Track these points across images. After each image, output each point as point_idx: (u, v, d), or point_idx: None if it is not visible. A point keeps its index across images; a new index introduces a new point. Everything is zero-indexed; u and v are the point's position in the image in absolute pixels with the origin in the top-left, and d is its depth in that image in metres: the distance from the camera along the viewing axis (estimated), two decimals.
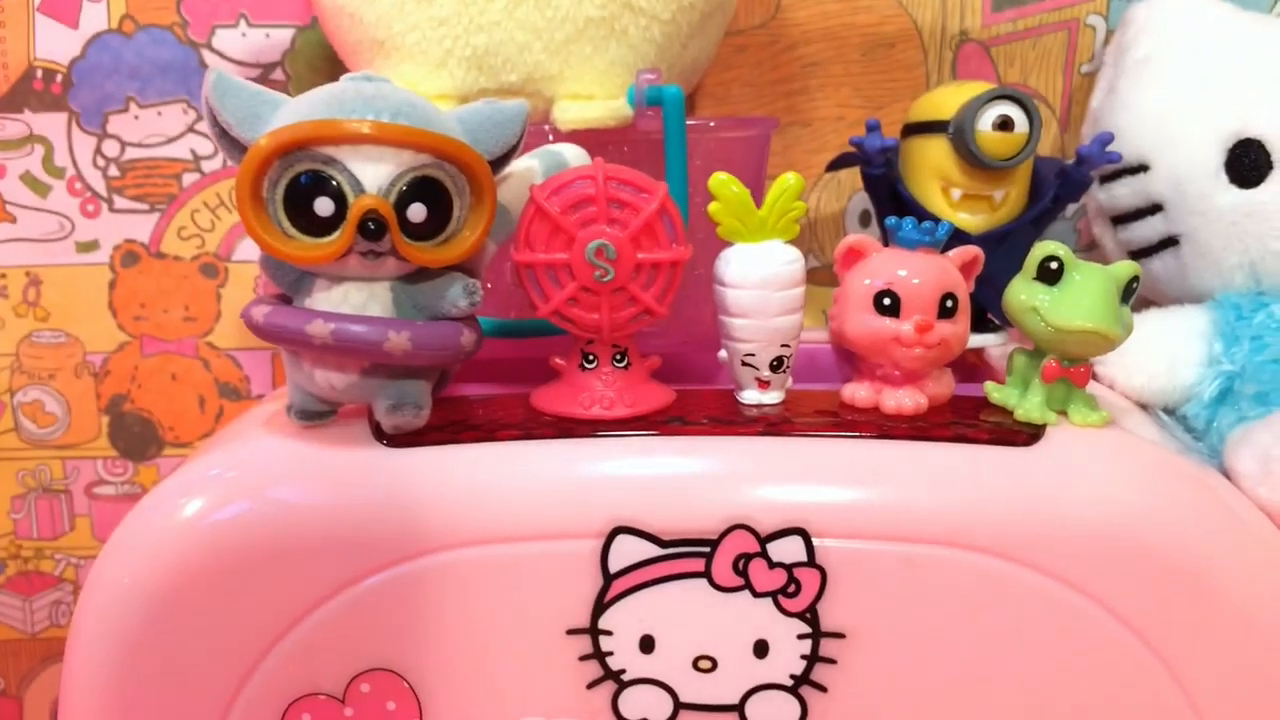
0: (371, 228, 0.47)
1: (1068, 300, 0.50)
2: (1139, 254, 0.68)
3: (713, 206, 0.52)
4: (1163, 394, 0.64)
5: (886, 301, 0.51)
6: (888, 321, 0.51)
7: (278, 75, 0.77)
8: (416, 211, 0.48)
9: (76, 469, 0.81)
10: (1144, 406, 0.65)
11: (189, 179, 0.78)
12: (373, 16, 0.58)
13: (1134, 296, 0.52)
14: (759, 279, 0.51)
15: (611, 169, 0.50)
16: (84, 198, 0.78)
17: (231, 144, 0.49)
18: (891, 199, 0.64)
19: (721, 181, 0.52)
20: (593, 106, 0.58)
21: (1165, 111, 0.66)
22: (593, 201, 0.50)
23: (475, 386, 0.61)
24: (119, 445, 0.81)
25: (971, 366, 0.69)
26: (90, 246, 0.78)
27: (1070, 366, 0.52)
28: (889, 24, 0.76)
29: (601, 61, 0.58)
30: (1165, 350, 0.64)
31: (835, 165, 0.69)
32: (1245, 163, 0.63)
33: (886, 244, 0.53)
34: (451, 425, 0.52)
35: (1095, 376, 0.65)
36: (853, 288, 0.52)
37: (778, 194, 0.52)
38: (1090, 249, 0.79)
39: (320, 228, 0.48)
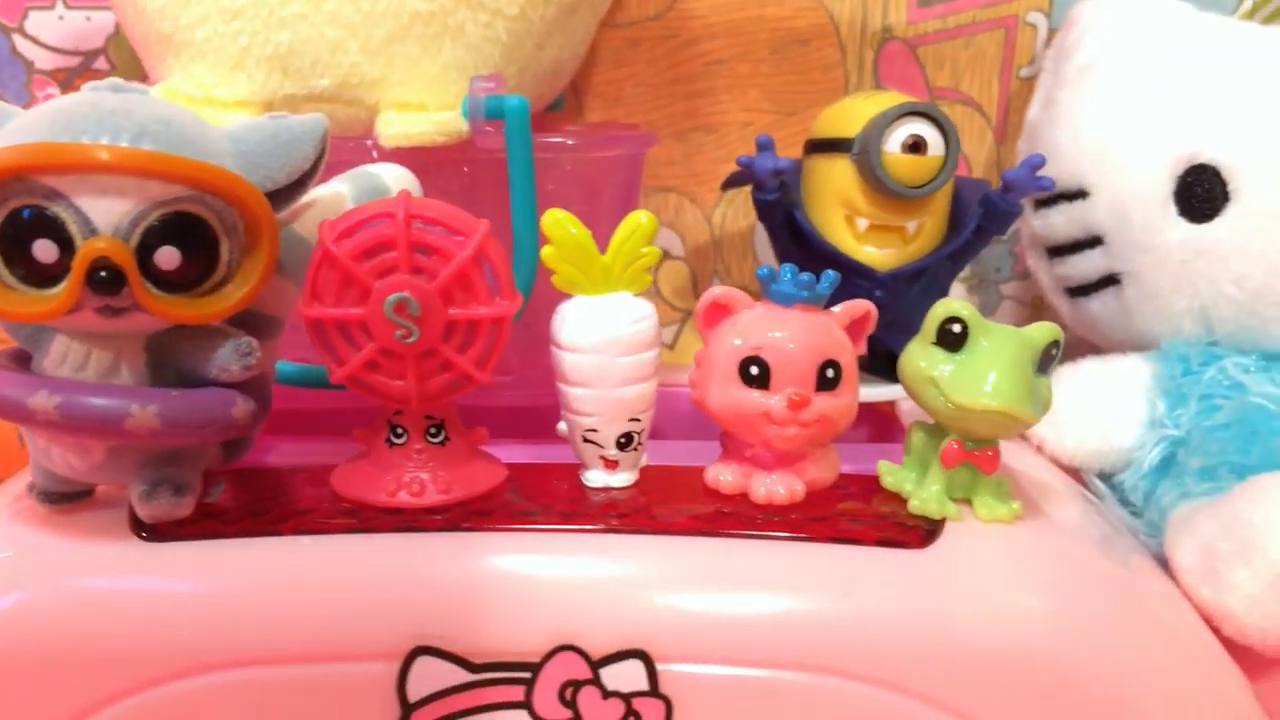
0: (104, 277, 0.37)
1: (972, 372, 0.42)
2: (1077, 291, 0.60)
3: (546, 251, 0.43)
4: (1098, 457, 0.56)
5: (754, 370, 0.42)
6: (755, 394, 0.42)
7: (100, 64, 0.67)
8: (167, 257, 0.39)
9: None
10: (1077, 471, 0.56)
11: None
12: (156, 6, 0.48)
13: (1054, 363, 0.44)
14: (600, 340, 0.42)
15: (418, 204, 0.41)
16: None
17: None
18: (787, 228, 0.55)
19: (557, 221, 0.42)
20: (419, 119, 0.48)
21: (1108, 129, 0.57)
22: (392, 245, 0.40)
23: (298, 444, 0.51)
24: None
25: (885, 419, 0.61)
26: None
27: (975, 450, 0.43)
28: (802, 18, 0.66)
29: (433, 65, 0.48)
30: (1101, 408, 0.56)
31: (731, 183, 0.60)
32: (1198, 193, 0.54)
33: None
34: (225, 513, 0.43)
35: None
36: (716, 351, 0.43)
37: (625, 236, 0.43)
38: (1027, 278, 0.70)
39: (45, 277, 0.38)
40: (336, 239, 0.41)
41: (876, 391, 0.55)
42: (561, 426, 0.45)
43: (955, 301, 0.42)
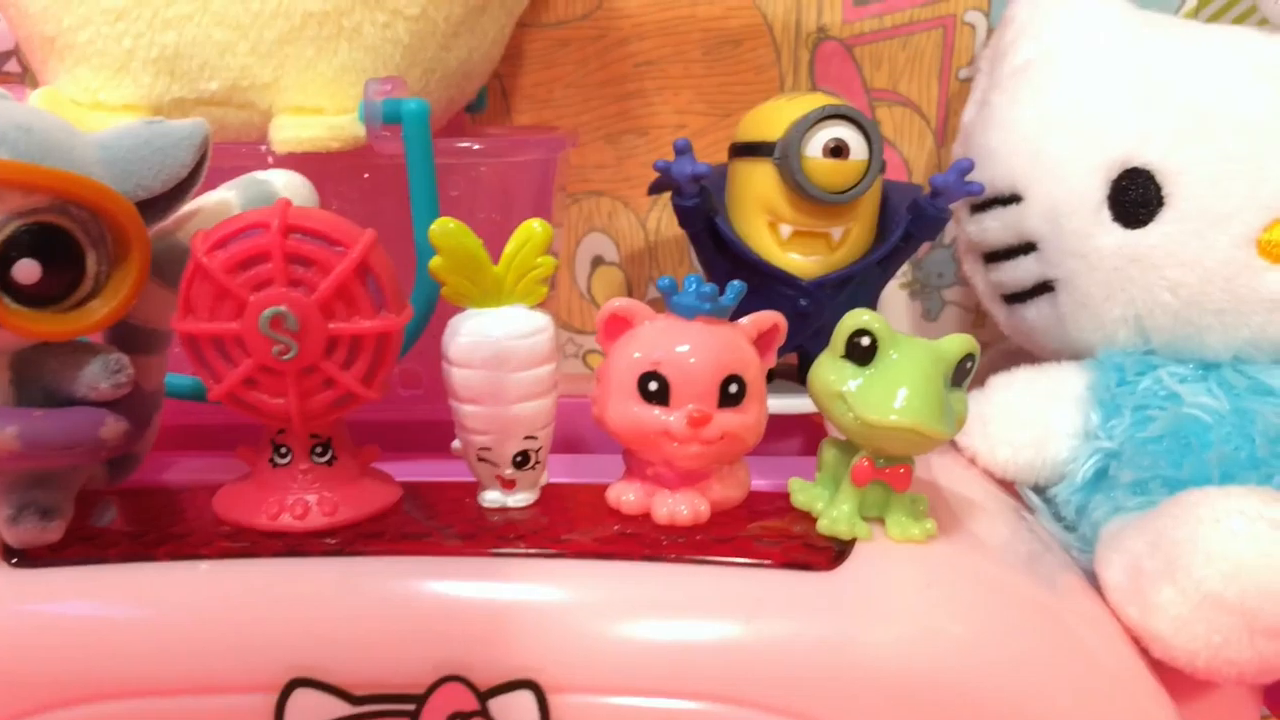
0: None
1: (881, 387, 0.40)
2: (1012, 298, 0.58)
3: (435, 261, 0.41)
4: (1030, 470, 0.54)
5: (653, 386, 0.40)
6: (655, 411, 0.40)
7: (12, 66, 0.64)
8: (26, 270, 0.37)
9: None
10: (1010, 483, 0.54)
11: None
12: (38, 8, 0.46)
13: (969, 377, 0.42)
14: (489, 355, 0.40)
15: (296, 214, 0.39)
16: None
17: None
18: (710, 234, 0.53)
19: (446, 230, 0.40)
20: (311, 123, 0.46)
21: (1042, 132, 0.55)
22: (267, 257, 0.38)
23: (201, 460, 0.49)
24: None
25: (815, 429, 0.59)
26: None
27: (887, 467, 0.41)
28: (734, 18, 0.64)
29: (328, 68, 0.46)
30: (1035, 418, 0.54)
31: (656, 188, 0.58)
32: (1131, 197, 0.52)
33: None
34: (99, 536, 0.41)
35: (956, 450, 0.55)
36: (616, 365, 0.41)
37: (518, 246, 0.41)
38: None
39: None
40: (209, 250, 0.39)
41: (805, 403, 0.53)
42: (456, 444, 0.43)
43: (865, 312, 0.41)
